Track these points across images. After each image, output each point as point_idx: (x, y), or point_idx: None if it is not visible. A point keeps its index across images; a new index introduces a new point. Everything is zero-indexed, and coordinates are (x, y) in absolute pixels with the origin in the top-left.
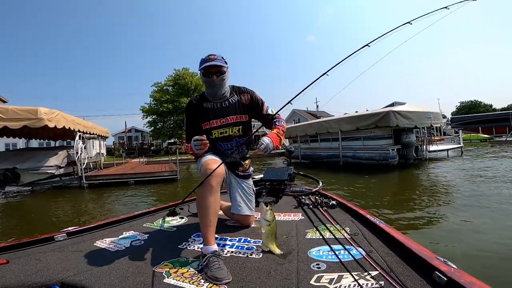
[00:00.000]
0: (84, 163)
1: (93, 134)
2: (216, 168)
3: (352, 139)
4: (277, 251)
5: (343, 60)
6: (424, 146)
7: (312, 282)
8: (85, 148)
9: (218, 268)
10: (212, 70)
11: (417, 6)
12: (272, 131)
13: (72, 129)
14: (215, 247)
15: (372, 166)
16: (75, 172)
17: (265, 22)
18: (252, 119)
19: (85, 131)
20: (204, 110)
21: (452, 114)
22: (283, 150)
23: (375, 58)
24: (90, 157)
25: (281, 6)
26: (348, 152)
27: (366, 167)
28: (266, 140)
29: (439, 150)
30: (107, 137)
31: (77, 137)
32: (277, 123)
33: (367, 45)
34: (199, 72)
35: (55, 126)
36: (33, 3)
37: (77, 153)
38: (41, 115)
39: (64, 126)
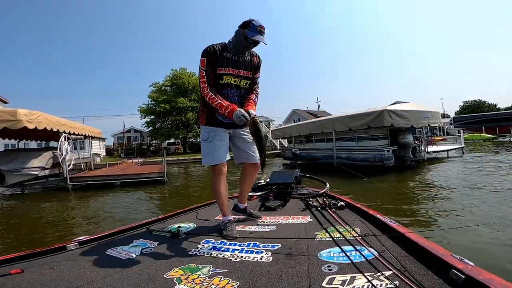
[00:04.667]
0: (70, 164)
1: (81, 135)
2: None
3: (346, 139)
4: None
5: None
6: (422, 147)
7: (324, 284)
8: (72, 149)
9: (230, 229)
10: (256, 41)
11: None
12: (250, 98)
13: (56, 130)
14: (229, 217)
15: (367, 167)
16: (61, 173)
17: (267, 20)
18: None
19: (72, 132)
20: (223, 57)
21: (455, 113)
22: (279, 151)
23: (375, 56)
24: (78, 158)
25: (283, 5)
26: (342, 153)
27: (361, 169)
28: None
29: (438, 151)
30: (100, 138)
31: (61, 138)
32: (257, 89)
33: None
34: (243, 30)
35: (36, 128)
36: (34, 3)
37: (61, 154)
38: (20, 117)
39: (45, 128)
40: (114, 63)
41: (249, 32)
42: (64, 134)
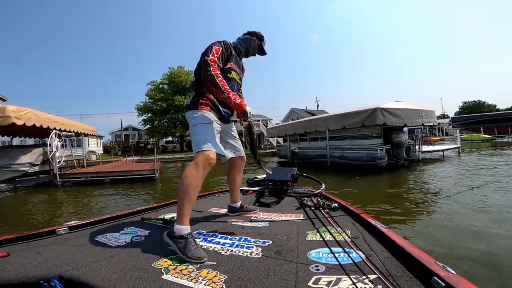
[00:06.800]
0: (61, 161)
1: (72, 131)
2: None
3: (340, 138)
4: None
5: None
6: (417, 147)
7: (310, 283)
8: (62, 145)
9: (195, 248)
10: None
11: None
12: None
13: (46, 126)
14: (189, 228)
15: (360, 167)
16: (51, 170)
17: (266, 19)
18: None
19: (63, 129)
20: (234, 57)
21: (455, 114)
22: (274, 150)
23: (376, 56)
24: (71, 155)
25: (284, 4)
26: (335, 152)
27: (354, 168)
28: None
29: (433, 151)
30: (96, 135)
31: (52, 134)
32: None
33: None
34: (259, 42)
35: (25, 124)
36: (33, 2)
37: (51, 150)
38: (9, 113)
39: (35, 124)
40: (114, 62)
41: (264, 47)
42: (54, 131)
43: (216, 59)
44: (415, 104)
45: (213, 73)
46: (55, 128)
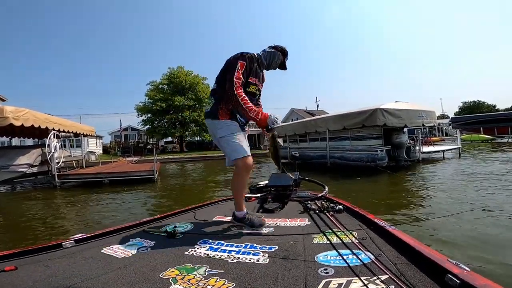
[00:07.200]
0: (59, 162)
1: (71, 132)
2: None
3: (340, 139)
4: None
5: None
6: (417, 147)
7: (320, 287)
8: (61, 146)
9: (257, 218)
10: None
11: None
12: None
13: (44, 127)
14: (245, 209)
15: (360, 167)
16: (49, 170)
17: (266, 19)
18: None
19: (62, 130)
20: (256, 70)
21: (455, 114)
22: None
23: (375, 56)
24: (70, 156)
25: (284, 4)
26: (336, 153)
27: (354, 169)
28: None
29: (433, 151)
30: (95, 136)
31: (50, 135)
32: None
33: None
34: (282, 57)
35: (23, 125)
36: (33, 2)
37: (50, 151)
38: (6, 114)
39: (33, 125)
40: (113, 62)
41: (286, 62)
42: (53, 131)
43: (240, 75)
44: (415, 104)
45: (236, 92)
46: (53, 129)
